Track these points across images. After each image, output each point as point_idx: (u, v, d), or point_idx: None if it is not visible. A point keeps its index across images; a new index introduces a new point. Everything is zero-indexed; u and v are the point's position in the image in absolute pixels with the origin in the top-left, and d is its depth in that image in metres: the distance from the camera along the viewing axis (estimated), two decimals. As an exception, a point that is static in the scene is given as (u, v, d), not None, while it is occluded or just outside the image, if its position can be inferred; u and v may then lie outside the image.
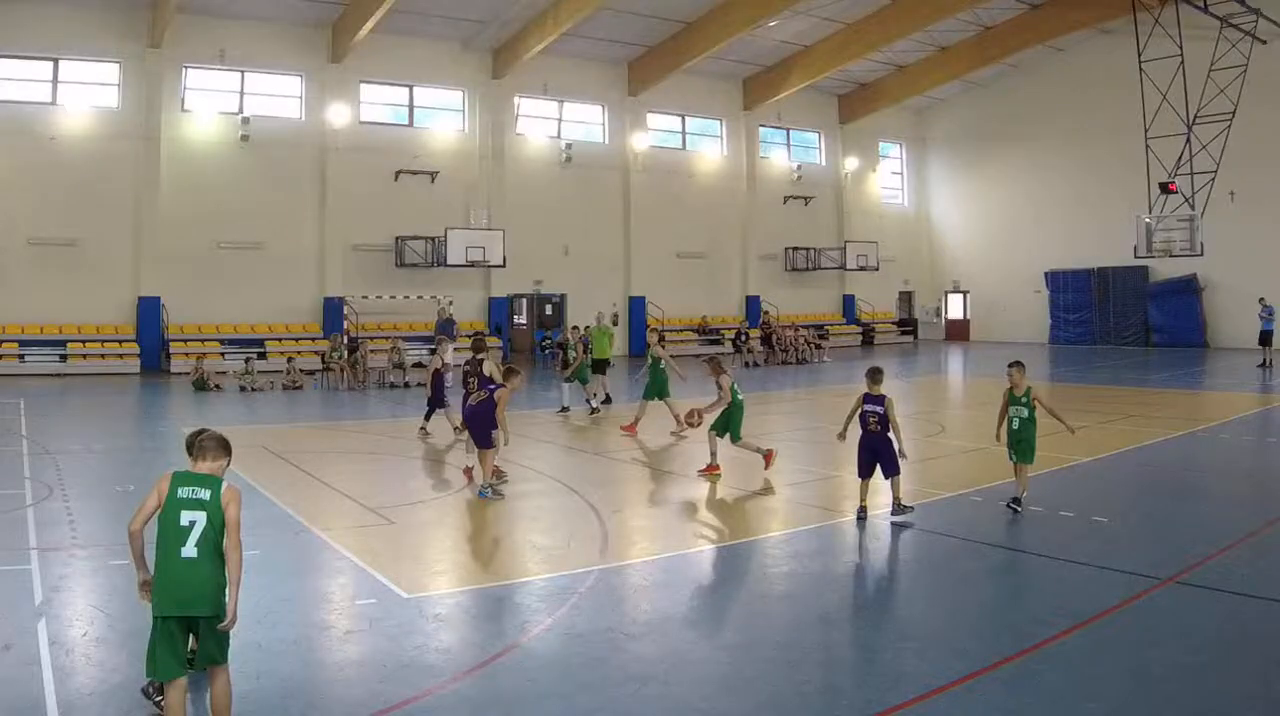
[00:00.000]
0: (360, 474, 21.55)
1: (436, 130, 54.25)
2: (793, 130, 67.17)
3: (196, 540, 7.91)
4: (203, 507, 7.98)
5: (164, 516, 8.01)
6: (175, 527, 7.93)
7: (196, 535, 7.91)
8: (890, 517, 15.69)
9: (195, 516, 7.95)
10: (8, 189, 44.11)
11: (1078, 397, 36.00)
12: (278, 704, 8.90)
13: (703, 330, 60.55)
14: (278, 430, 27.82)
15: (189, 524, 7.93)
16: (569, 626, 11.10)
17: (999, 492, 17.43)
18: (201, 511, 7.97)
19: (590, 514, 16.73)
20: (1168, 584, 12.60)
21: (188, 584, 7.86)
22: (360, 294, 50.65)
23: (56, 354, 44.39)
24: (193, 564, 7.88)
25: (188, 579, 7.86)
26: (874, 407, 15.71)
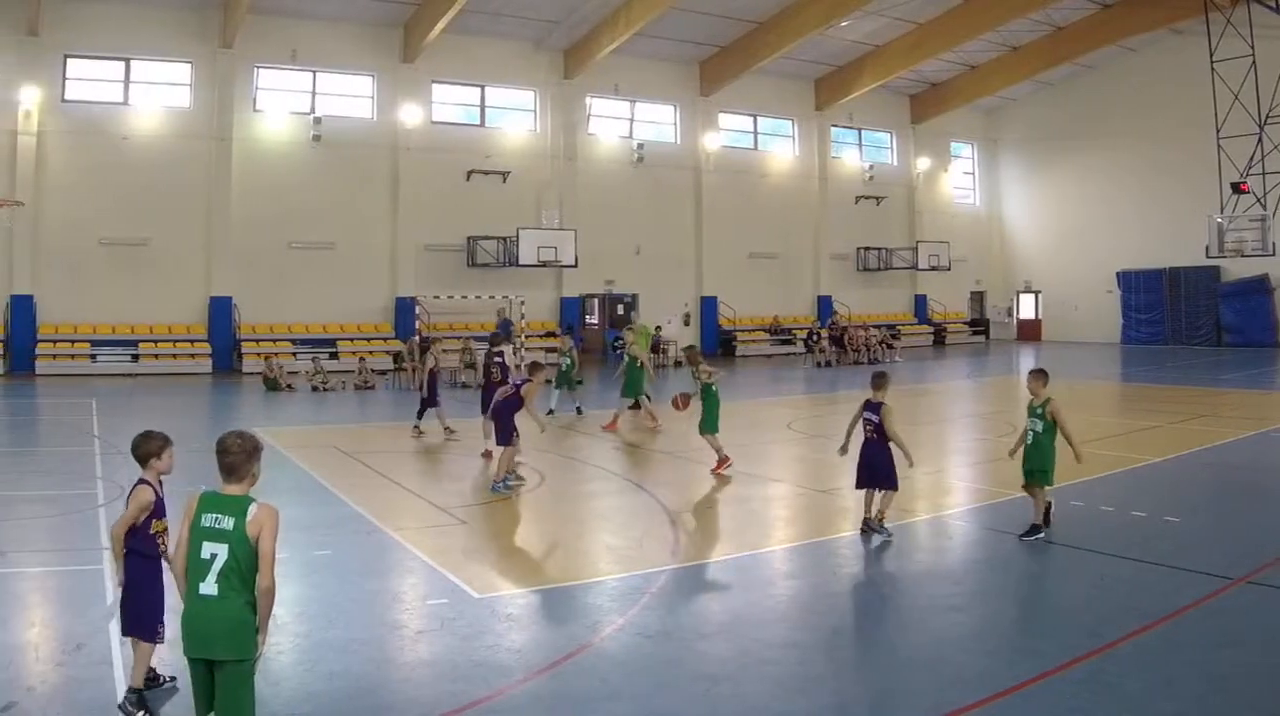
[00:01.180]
0: (431, 473, 21.26)
1: (508, 130, 52.54)
2: (864, 130, 64.90)
3: (217, 575, 6.93)
4: (225, 539, 6.94)
5: (189, 546, 7.06)
6: (196, 560, 6.98)
7: (217, 569, 6.93)
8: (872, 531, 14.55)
9: (216, 548, 6.94)
10: (80, 189, 42.97)
11: (1150, 398, 35.43)
12: (349, 703, 8.72)
13: (774, 330, 58.65)
14: (349, 430, 26.88)
15: (210, 556, 6.95)
16: (640, 626, 10.84)
17: (1069, 492, 16.55)
18: (223, 542, 6.94)
19: (662, 513, 16.39)
20: (1239, 583, 12.26)
21: (208, 622, 6.92)
22: (432, 294, 48.92)
23: (128, 354, 43.13)
24: (211, 601, 6.93)
25: (207, 617, 6.93)
26: (871, 416, 14.66)
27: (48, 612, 11.30)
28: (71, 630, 10.35)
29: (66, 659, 9.57)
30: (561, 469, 21.25)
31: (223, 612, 6.86)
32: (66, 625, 10.59)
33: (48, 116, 42.73)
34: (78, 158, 43.21)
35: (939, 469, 20.79)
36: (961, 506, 16.99)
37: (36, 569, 12.79)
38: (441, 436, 24.75)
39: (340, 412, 30.78)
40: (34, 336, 42.15)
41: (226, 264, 45.47)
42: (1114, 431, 25.30)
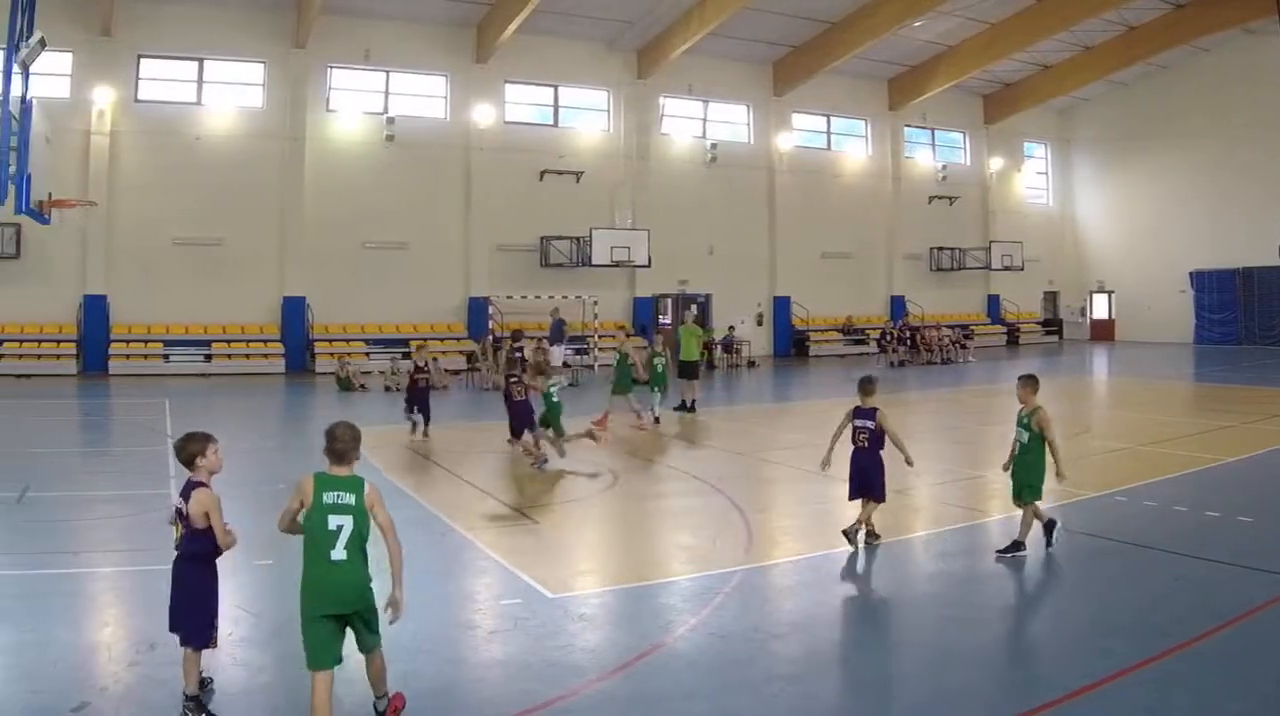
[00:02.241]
0: (505, 473, 20.46)
1: (581, 130, 50.64)
2: (937, 130, 62.39)
3: (345, 543, 7.81)
4: (348, 512, 7.87)
5: (312, 521, 7.88)
6: (324, 532, 7.81)
7: (345, 538, 7.82)
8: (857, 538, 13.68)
9: (342, 520, 7.84)
10: (153, 189, 41.66)
11: (1223, 398, 34.50)
12: (423, 704, 8.48)
13: (847, 330, 56.33)
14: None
15: (336, 528, 7.82)
16: (713, 626, 10.59)
17: (1143, 492, 16.99)
18: (347, 515, 7.86)
19: (735, 513, 15.91)
20: (1315, 584, 12.14)
21: (342, 584, 7.82)
22: (505, 294, 47.24)
23: (201, 354, 41.68)
24: (344, 565, 7.81)
25: (341, 580, 7.81)
26: (864, 422, 13.72)
27: (120, 612, 11.08)
28: (144, 630, 10.00)
29: (139, 659, 9.34)
30: (635, 469, 20.71)
31: (354, 574, 7.85)
32: (139, 625, 10.31)
33: (121, 116, 41.40)
34: (151, 158, 41.87)
35: None
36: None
37: (109, 569, 12.60)
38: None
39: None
40: (107, 336, 40.89)
41: (299, 264, 44.03)
42: (1187, 431, 24.91)
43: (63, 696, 8.45)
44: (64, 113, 37.93)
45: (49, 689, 8.65)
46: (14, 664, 9.32)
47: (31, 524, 14.87)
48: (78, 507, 16.21)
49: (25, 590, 11.62)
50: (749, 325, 53.38)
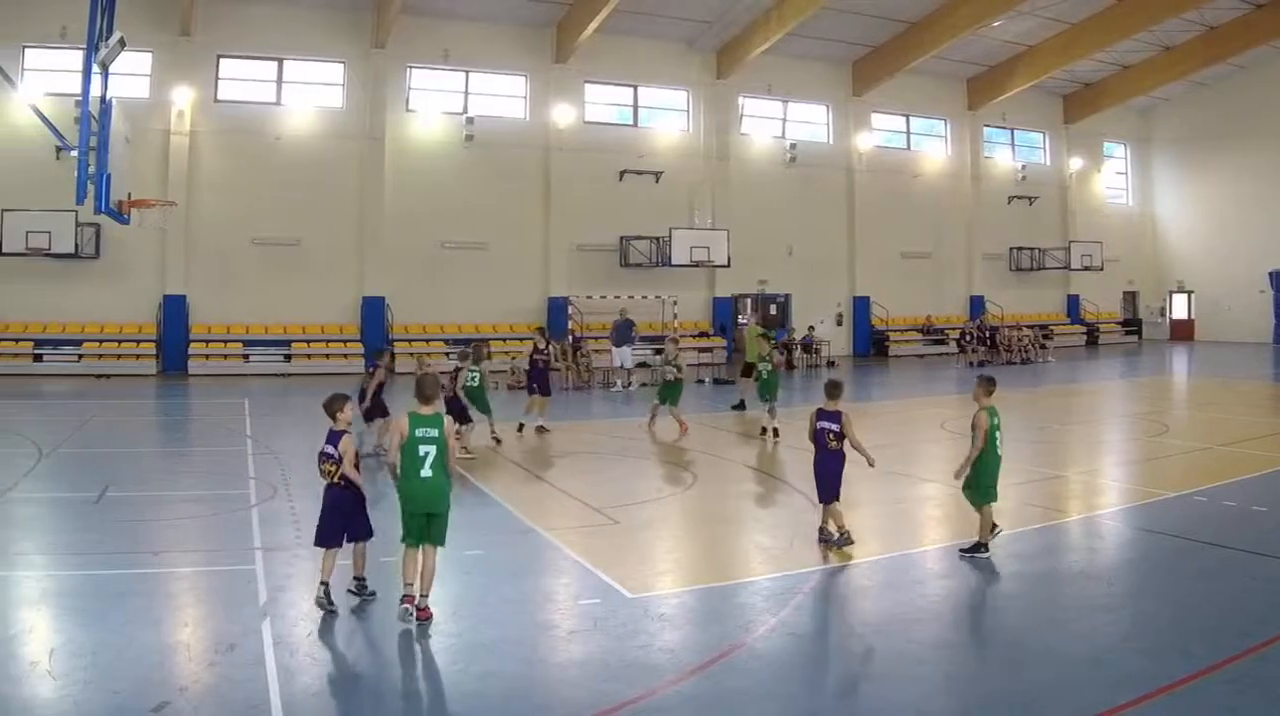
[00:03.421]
0: (584, 473, 19.83)
1: (661, 130, 47.97)
2: (1017, 130, 59.02)
3: (430, 463, 10.16)
4: (433, 442, 10.17)
5: (407, 448, 10.17)
6: (415, 457, 10.15)
7: (430, 460, 10.16)
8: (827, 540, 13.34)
9: (428, 448, 10.15)
10: (233, 189, 39.92)
11: None
12: (503, 703, 8.41)
13: (927, 330, 53.31)
14: (500, 430, 23.61)
15: (424, 454, 10.15)
16: (792, 626, 10.29)
17: (1223, 493, 16.34)
18: (432, 444, 10.16)
19: (814, 513, 14.56)
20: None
21: (428, 494, 10.23)
22: (584, 294, 44.97)
23: (281, 354, 39.70)
24: (429, 480, 10.19)
25: (427, 491, 10.22)
26: (830, 424, 13.24)
27: (200, 613, 10.85)
28: (224, 630, 9.90)
29: (219, 659, 9.13)
30: (714, 468, 19.80)
31: (437, 486, 10.24)
32: (219, 625, 10.17)
33: (200, 116, 39.62)
34: (230, 158, 40.10)
35: (1091, 469, 19.74)
36: (1113, 507, 16.09)
37: (189, 569, 12.32)
38: None
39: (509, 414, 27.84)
40: (186, 336, 39.08)
41: (379, 264, 41.98)
42: (1267, 432, 23.90)
43: (143, 696, 8.20)
44: (143, 113, 36.23)
45: (129, 689, 8.37)
46: (94, 664, 8.90)
47: (110, 524, 14.33)
48: (157, 507, 15.66)
49: (105, 590, 11.25)
50: (828, 325, 50.73)
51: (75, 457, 20.30)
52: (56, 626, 10.08)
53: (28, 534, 14.06)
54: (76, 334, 38.07)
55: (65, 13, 34.77)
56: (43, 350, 37.48)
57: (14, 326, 37.44)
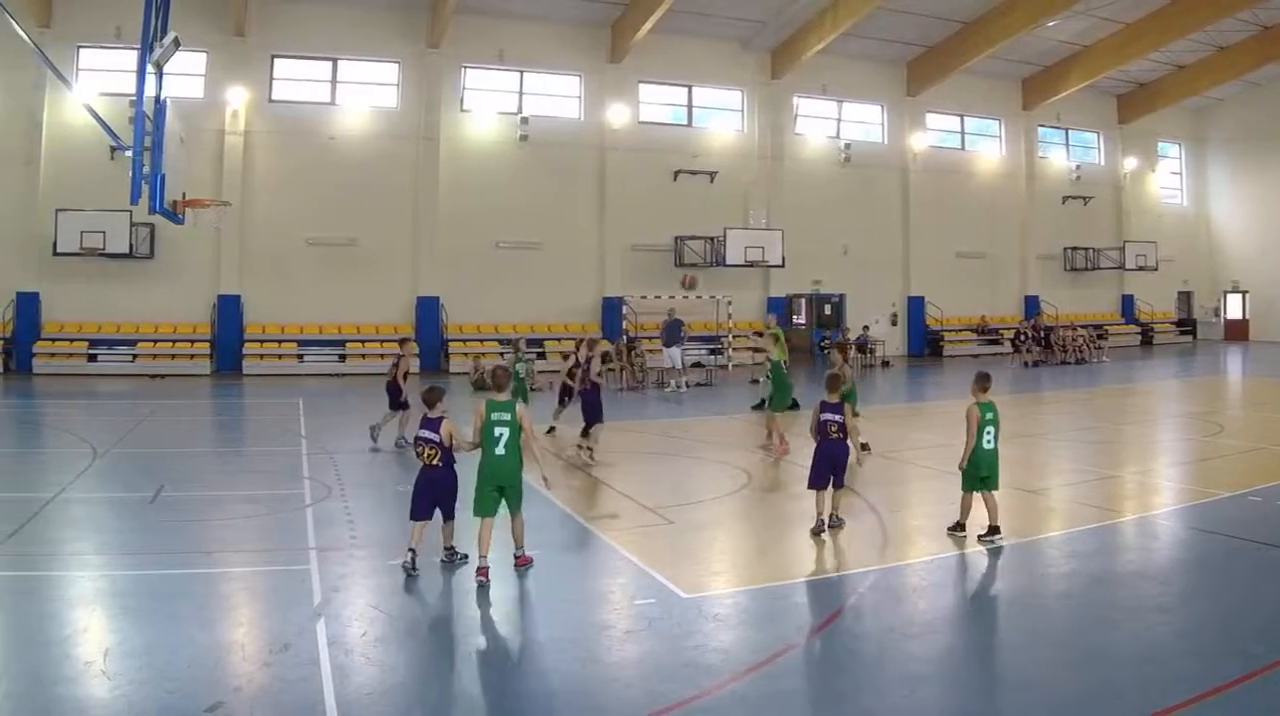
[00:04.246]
0: (638, 474, 18.91)
1: (715, 130, 45.87)
2: (1071, 130, 56.31)
3: (504, 443, 10.98)
4: (507, 425, 10.99)
5: (485, 429, 11.00)
6: (491, 437, 10.99)
7: (503, 441, 10.97)
8: (829, 527, 13.30)
9: (502, 430, 10.97)
10: (288, 189, 38.39)
11: None
12: (558, 703, 8.11)
13: (982, 330, 50.96)
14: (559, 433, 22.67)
15: (499, 435, 10.97)
16: (848, 626, 9.93)
17: (1277, 492, 15.62)
18: (506, 427, 10.98)
19: (870, 513, 14.63)
20: None
21: (501, 469, 11.07)
22: (639, 294, 42.79)
23: (335, 354, 38.07)
24: (502, 458, 11.04)
25: (501, 466, 11.07)
26: (833, 416, 13.33)
27: (254, 613, 10.38)
28: (278, 630, 9.49)
29: (273, 659, 8.72)
30: (768, 468, 18.74)
31: (509, 463, 11.10)
32: (273, 625, 9.75)
33: (255, 117, 38.05)
34: (284, 158, 38.51)
35: (1146, 469, 18.91)
36: (1168, 507, 15.44)
37: (243, 569, 11.83)
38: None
39: (546, 412, 26.46)
40: (241, 336, 37.59)
41: (433, 264, 40.24)
42: None
43: (197, 696, 7.88)
44: (198, 113, 35.09)
45: (183, 689, 8.05)
46: (149, 664, 8.53)
47: (165, 524, 13.82)
48: (211, 507, 15.20)
49: (159, 590, 10.81)
50: (883, 325, 48.56)
51: (130, 457, 19.44)
52: (111, 626, 9.71)
53: (83, 533, 13.54)
54: (131, 334, 36.66)
55: (120, 13, 33.33)
56: (97, 350, 36.16)
57: (69, 326, 36.15)
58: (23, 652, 8.91)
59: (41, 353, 35.62)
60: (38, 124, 35.81)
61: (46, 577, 11.23)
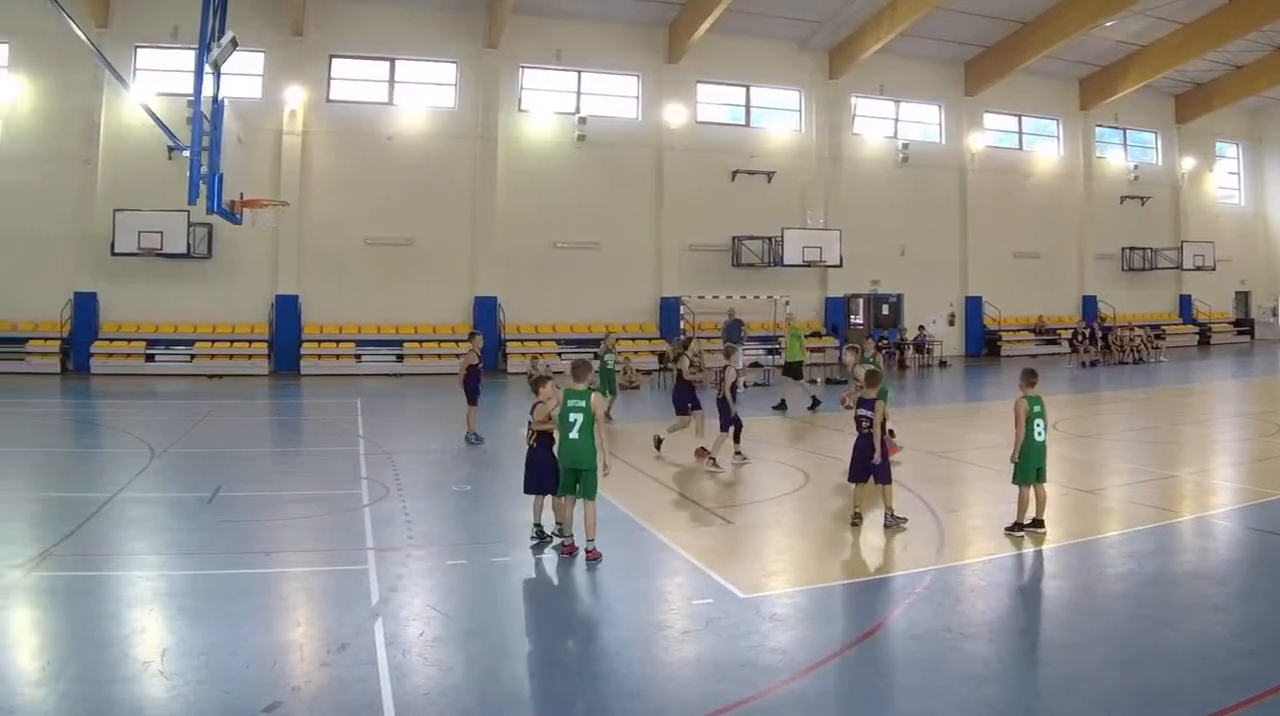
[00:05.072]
0: (696, 473, 17.46)
1: (773, 130, 43.39)
2: (1129, 130, 53.32)
3: (579, 428, 11.18)
4: (581, 411, 11.20)
5: (561, 415, 11.28)
6: (567, 422, 11.23)
7: (579, 425, 11.18)
8: (884, 526, 12.77)
9: (578, 416, 11.19)
10: (345, 189, 36.54)
11: None
12: (616, 702, 7.71)
13: (1039, 330, 48.27)
14: (613, 429, 21.55)
15: (574, 420, 11.18)
16: (905, 626, 9.30)
17: None
18: (581, 413, 11.19)
19: (927, 513, 13.77)
20: None
21: (576, 453, 11.25)
22: (696, 294, 40.56)
23: (393, 354, 36.09)
24: (576, 442, 11.22)
25: (576, 450, 11.25)
26: (866, 412, 12.97)
27: (312, 613, 9.88)
28: (336, 630, 8.99)
29: (331, 659, 8.28)
30: (826, 468, 17.42)
31: (584, 446, 11.25)
32: (331, 625, 9.23)
33: (313, 116, 36.24)
34: (342, 158, 36.69)
35: (1203, 469, 17.97)
36: (1225, 507, 14.53)
37: (301, 569, 11.25)
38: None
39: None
40: (299, 336, 35.67)
41: (491, 264, 38.20)
42: None
43: (254, 696, 7.47)
44: (256, 112, 33.37)
45: (240, 689, 7.64)
46: (206, 664, 8.09)
47: (223, 524, 13.17)
48: (269, 507, 14.46)
49: (217, 590, 10.32)
50: (940, 325, 45.99)
51: (187, 457, 18.55)
52: (169, 626, 9.28)
53: (140, 533, 13.01)
54: (189, 334, 34.94)
55: (177, 13, 32.02)
56: (155, 350, 34.46)
57: (126, 326, 34.42)
58: (81, 652, 8.44)
59: (99, 352, 33.93)
60: (95, 124, 34.21)
61: (104, 577, 10.75)
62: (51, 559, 11.17)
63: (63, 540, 11.88)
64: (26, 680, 7.87)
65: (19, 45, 33.92)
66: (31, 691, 7.62)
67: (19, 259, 33.72)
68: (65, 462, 18.62)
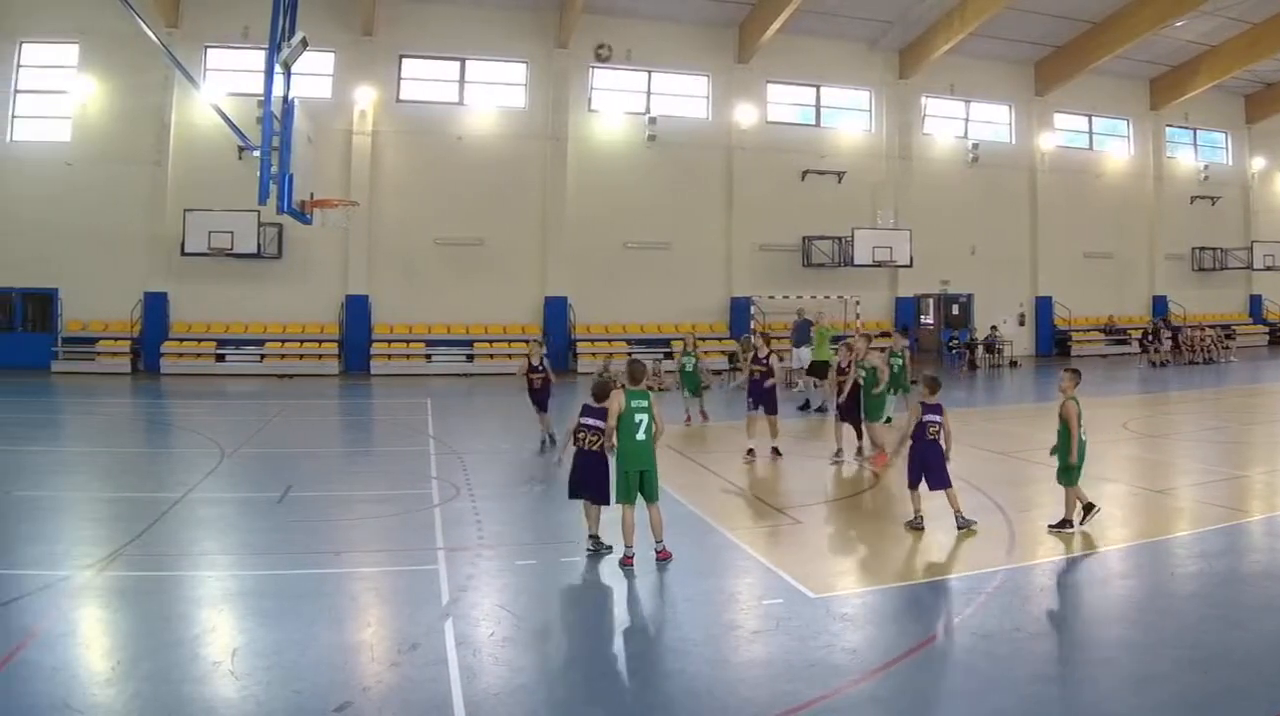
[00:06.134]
0: (765, 473, 16.28)
1: (843, 130, 40.19)
2: (1199, 130, 49.53)
3: (643, 429, 10.31)
4: (645, 412, 10.37)
5: (624, 417, 10.28)
6: (631, 423, 10.28)
7: (643, 426, 10.31)
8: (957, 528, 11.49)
9: (642, 417, 10.34)
10: (416, 189, 34.10)
11: None
12: (686, 703, 7.12)
13: (1109, 330, 44.73)
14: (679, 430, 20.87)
15: (639, 421, 10.32)
16: (975, 626, 8.51)
17: None
18: (645, 414, 10.37)
19: (998, 514, 12.55)
20: None
21: (642, 455, 10.30)
22: (767, 294, 37.75)
23: (463, 354, 33.44)
24: (643, 443, 10.31)
25: (641, 451, 10.30)
26: (934, 417, 11.67)
27: (382, 613, 9.11)
28: (406, 630, 8.32)
29: (401, 659, 7.68)
30: (895, 468, 15.40)
31: (648, 448, 10.36)
32: (401, 625, 8.55)
33: (383, 116, 33.70)
34: (412, 158, 34.19)
35: (1274, 469, 16.48)
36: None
37: (371, 569, 10.38)
38: None
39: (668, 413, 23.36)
40: (369, 336, 33.23)
41: (561, 264, 35.51)
42: None
43: (325, 696, 6.94)
44: (326, 113, 30.86)
45: (310, 689, 7.08)
46: (277, 663, 7.47)
47: (293, 523, 12.29)
48: (339, 507, 13.61)
49: (287, 590, 9.53)
50: (1011, 325, 42.44)
51: (258, 457, 17.56)
52: (239, 626, 8.56)
53: (210, 533, 12.15)
54: (259, 334, 32.47)
55: (247, 13, 29.60)
56: (225, 350, 32.10)
57: (196, 326, 32.02)
58: (151, 652, 7.82)
59: (169, 352, 31.54)
60: (166, 124, 31.84)
61: (174, 577, 10.17)
62: (122, 558, 10.43)
63: (133, 540, 11.17)
64: (97, 680, 7.28)
65: (89, 45, 31.64)
66: (102, 691, 7.06)
67: (90, 259, 31.59)
68: (136, 462, 17.57)
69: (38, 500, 13.40)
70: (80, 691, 7.02)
